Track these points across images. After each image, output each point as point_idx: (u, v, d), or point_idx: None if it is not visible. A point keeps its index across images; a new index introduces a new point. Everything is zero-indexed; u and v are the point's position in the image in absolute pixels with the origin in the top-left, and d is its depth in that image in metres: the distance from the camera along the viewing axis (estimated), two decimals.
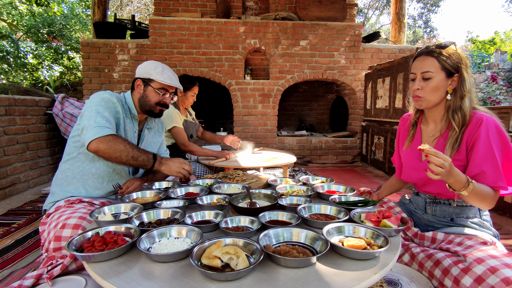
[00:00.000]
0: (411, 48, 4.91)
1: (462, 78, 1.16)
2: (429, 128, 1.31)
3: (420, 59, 1.21)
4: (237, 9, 4.98)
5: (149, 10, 11.67)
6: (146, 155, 1.43)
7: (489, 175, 1.08)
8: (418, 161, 1.30)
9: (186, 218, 1.09)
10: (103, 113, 1.40)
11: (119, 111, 1.52)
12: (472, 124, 1.14)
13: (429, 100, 1.21)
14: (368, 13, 15.23)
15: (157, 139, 1.81)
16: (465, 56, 1.18)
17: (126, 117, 1.59)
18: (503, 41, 17.89)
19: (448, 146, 1.18)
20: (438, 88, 1.18)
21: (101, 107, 1.42)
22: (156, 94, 1.58)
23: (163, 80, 1.55)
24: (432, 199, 1.30)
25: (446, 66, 1.16)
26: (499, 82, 8.61)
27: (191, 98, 2.77)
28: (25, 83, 8.00)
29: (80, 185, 1.49)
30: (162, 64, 1.61)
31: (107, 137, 1.34)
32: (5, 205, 2.57)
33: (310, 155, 4.82)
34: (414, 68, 1.23)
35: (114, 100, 1.51)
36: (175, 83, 1.60)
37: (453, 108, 1.18)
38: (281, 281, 0.74)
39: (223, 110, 5.61)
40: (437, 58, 1.17)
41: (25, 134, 3.03)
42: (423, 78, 1.19)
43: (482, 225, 1.21)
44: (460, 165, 1.17)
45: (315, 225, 1.05)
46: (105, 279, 0.76)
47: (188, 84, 2.71)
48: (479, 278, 0.91)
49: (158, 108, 1.62)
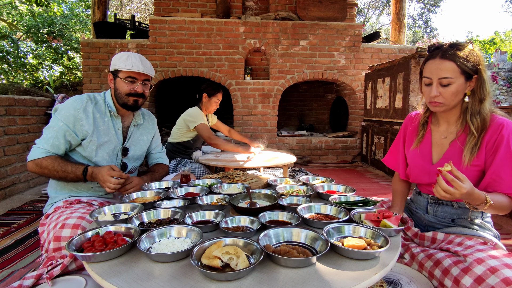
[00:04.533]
0: (411, 48, 4.91)
1: (481, 80, 1.09)
2: (440, 128, 1.25)
3: (436, 63, 1.10)
4: (237, 9, 4.98)
5: (149, 10, 11.66)
6: (75, 172, 1.39)
7: (506, 181, 1.06)
8: (429, 164, 1.25)
9: (186, 218, 1.09)
10: (53, 127, 1.43)
11: (83, 116, 1.46)
12: (492, 128, 1.09)
13: (448, 105, 1.13)
14: (368, 13, 15.22)
15: (147, 136, 1.76)
16: (482, 55, 1.10)
17: (105, 116, 1.55)
18: (503, 41, 17.89)
19: (466, 151, 1.12)
20: (457, 93, 1.10)
21: (54, 121, 1.44)
22: (124, 84, 1.51)
23: (124, 67, 1.48)
24: (435, 199, 1.28)
25: (466, 69, 1.07)
26: (499, 82, 8.61)
27: (215, 104, 2.82)
28: (25, 83, 8.00)
29: (73, 187, 1.50)
30: (130, 52, 1.53)
31: (36, 161, 1.39)
32: (5, 205, 2.57)
33: (310, 155, 4.82)
34: (429, 72, 1.12)
35: (78, 106, 1.46)
36: (142, 68, 1.50)
37: (471, 111, 1.12)
38: (281, 281, 0.74)
39: (223, 110, 5.60)
40: (456, 61, 1.07)
41: (25, 134, 3.03)
42: (441, 84, 1.10)
43: (483, 226, 1.20)
44: (478, 170, 1.13)
45: (315, 225, 1.05)
46: (105, 279, 0.76)
47: (213, 91, 2.77)
48: (479, 278, 0.91)
49: (132, 99, 1.53)
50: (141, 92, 1.55)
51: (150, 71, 1.55)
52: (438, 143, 1.25)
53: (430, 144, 1.27)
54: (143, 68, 1.51)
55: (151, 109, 4.74)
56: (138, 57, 1.52)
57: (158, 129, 1.90)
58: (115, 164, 1.58)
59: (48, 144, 1.41)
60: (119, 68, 1.50)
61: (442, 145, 1.23)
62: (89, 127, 1.47)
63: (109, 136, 1.53)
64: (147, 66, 1.54)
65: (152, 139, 1.81)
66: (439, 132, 1.25)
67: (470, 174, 1.12)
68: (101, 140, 1.50)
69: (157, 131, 1.89)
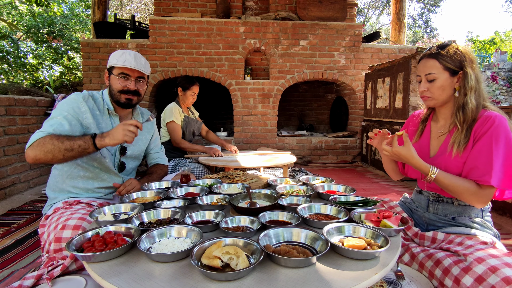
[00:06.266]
0: (411, 48, 4.91)
1: (465, 75, 1.16)
2: (438, 125, 1.32)
3: (423, 62, 1.23)
4: (237, 9, 4.98)
5: (149, 10, 11.66)
6: (82, 139, 1.29)
7: (480, 170, 1.09)
8: (427, 157, 1.30)
9: (186, 218, 1.09)
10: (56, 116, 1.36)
11: (87, 108, 1.45)
12: (480, 121, 1.14)
13: (437, 99, 1.22)
14: (368, 13, 15.22)
15: (145, 136, 1.74)
16: (469, 52, 1.18)
17: (103, 114, 1.53)
18: (503, 41, 17.89)
19: (451, 142, 1.19)
20: (444, 88, 1.19)
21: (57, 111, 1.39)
22: (117, 81, 1.49)
23: (117, 63, 1.46)
24: (435, 197, 1.30)
25: (448, 65, 1.17)
26: (499, 82, 8.61)
27: (191, 97, 2.86)
28: (25, 83, 8.00)
29: (71, 188, 1.49)
30: (127, 50, 1.51)
31: (34, 143, 1.27)
32: (5, 205, 2.57)
33: (310, 155, 4.82)
34: (419, 70, 1.25)
35: (80, 99, 1.45)
36: (134, 64, 1.46)
37: (457, 105, 1.19)
38: (281, 281, 0.74)
39: (223, 110, 5.61)
40: (438, 59, 1.18)
41: (25, 134, 3.03)
42: (427, 80, 1.21)
43: (483, 225, 1.21)
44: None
45: (315, 225, 1.05)
46: (105, 279, 0.76)
47: (187, 84, 2.80)
48: (480, 278, 0.91)
49: (124, 97, 1.50)
50: (134, 89, 1.51)
51: (144, 68, 1.52)
52: (436, 138, 1.31)
53: (429, 139, 1.33)
54: (135, 64, 1.47)
55: (151, 109, 4.74)
56: (133, 54, 1.49)
57: (157, 129, 1.89)
58: (113, 163, 1.57)
59: (51, 129, 1.32)
60: (112, 64, 1.49)
61: (439, 139, 1.29)
62: (92, 121, 1.46)
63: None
64: (141, 63, 1.51)
65: (151, 138, 1.80)
66: (437, 128, 1.32)
67: (460, 166, 1.17)
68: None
69: (156, 131, 1.88)
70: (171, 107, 2.78)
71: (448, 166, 1.19)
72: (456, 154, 1.17)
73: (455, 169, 1.17)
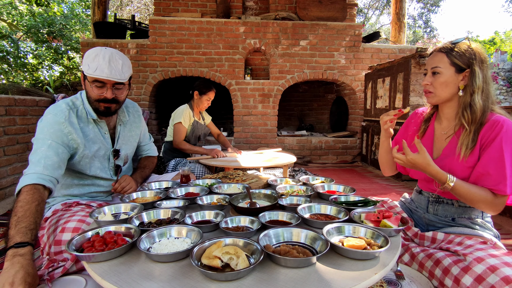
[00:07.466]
0: (411, 48, 4.91)
1: (472, 73, 1.13)
2: (442, 125, 1.28)
3: (432, 55, 1.22)
4: (237, 9, 4.98)
5: (149, 10, 11.66)
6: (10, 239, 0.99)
7: (493, 176, 1.06)
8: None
9: (186, 218, 1.09)
10: (40, 147, 1.23)
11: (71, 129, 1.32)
12: (488, 125, 1.11)
13: (439, 95, 1.20)
14: (368, 13, 15.22)
15: (135, 132, 1.66)
16: (480, 51, 1.15)
17: (88, 123, 1.40)
18: (503, 41, 17.88)
19: (459, 144, 1.15)
20: (447, 84, 1.17)
21: (39, 141, 1.25)
22: (92, 89, 1.31)
23: (87, 71, 1.26)
24: (436, 198, 1.29)
25: (455, 61, 1.14)
26: (499, 82, 8.61)
27: (206, 102, 2.87)
28: (25, 83, 8.00)
29: (67, 195, 1.48)
30: (101, 50, 1.29)
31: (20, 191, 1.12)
32: (5, 205, 2.57)
33: (310, 155, 4.82)
34: (427, 63, 1.24)
35: (61, 119, 1.30)
36: (106, 73, 1.25)
37: (463, 104, 1.16)
38: (281, 281, 0.74)
39: (223, 110, 5.61)
40: (447, 53, 1.16)
41: (25, 134, 3.02)
42: (432, 73, 1.20)
43: (483, 225, 1.20)
44: (473, 166, 1.14)
45: (315, 225, 1.05)
46: (105, 279, 0.76)
47: (205, 89, 2.81)
48: (479, 277, 0.91)
49: (102, 105, 1.34)
50: (111, 97, 1.33)
51: (120, 75, 1.30)
52: (439, 139, 1.28)
53: (432, 140, 1.30)
54: (108, 73, 1.26)
55: (151, 109, 4.74)
56: (107, 58, 1.27)
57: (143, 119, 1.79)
58: (108, 169, 1.53)
59: (40, 166, 1.18)
60: (84, 72, 1.30)
61: (443, 141, 1.26)
62: (80, 140, 1.35)
63: (98, 143, 1.45)
64: (117, 68, 1.30)
65: (140, 133, 1.73)
66: (441, 129, 1.28)
67: (465, 170, 1.14)
68: (93, 150, 1.43)
69: (144, 123, 1.78)
70: (183, 109, 2.77)
71: (453, 169, 1.16)
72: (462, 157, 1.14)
73: (460, 173, 1.14)
